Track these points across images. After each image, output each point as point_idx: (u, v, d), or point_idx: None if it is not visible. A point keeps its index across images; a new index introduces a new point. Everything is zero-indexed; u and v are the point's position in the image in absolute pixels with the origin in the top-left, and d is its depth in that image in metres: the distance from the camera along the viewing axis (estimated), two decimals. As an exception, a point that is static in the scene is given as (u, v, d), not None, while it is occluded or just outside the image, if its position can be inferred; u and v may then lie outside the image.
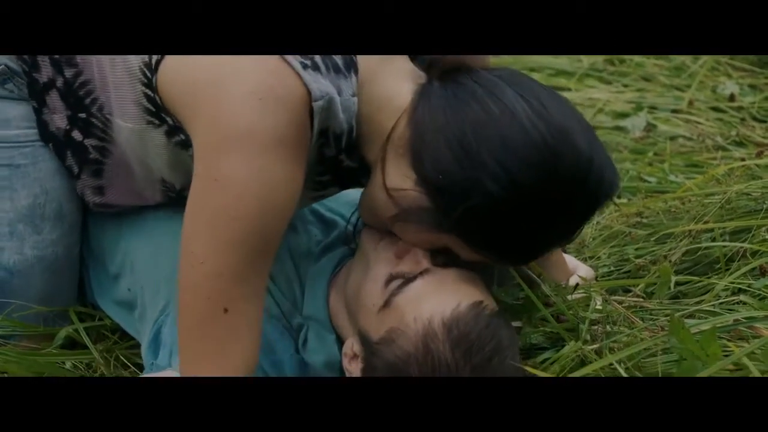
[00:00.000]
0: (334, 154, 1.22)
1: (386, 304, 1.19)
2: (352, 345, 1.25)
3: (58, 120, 1.30)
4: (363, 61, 1.18)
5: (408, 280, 1.20)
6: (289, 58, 1.11)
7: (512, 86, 1.14)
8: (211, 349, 1.14)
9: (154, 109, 1.22)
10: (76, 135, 1.30)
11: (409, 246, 1.23)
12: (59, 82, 1.28)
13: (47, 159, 1.33)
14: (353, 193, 1.49)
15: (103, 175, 1.35)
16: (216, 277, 1.11)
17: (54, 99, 1.29)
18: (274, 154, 1.09)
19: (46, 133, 1.32)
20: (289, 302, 1.37)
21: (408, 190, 1.15)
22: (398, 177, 1.16)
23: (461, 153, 1.10)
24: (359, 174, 1.28)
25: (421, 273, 1.21)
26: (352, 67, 1.16)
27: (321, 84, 1.12)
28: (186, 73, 1.16)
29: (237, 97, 1.09)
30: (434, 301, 1.17)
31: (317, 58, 1.13)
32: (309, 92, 1.11)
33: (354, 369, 1.24)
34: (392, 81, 1.20)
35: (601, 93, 2.41)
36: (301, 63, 1.11)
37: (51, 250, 1.38)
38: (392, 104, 1.18)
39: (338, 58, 1.15)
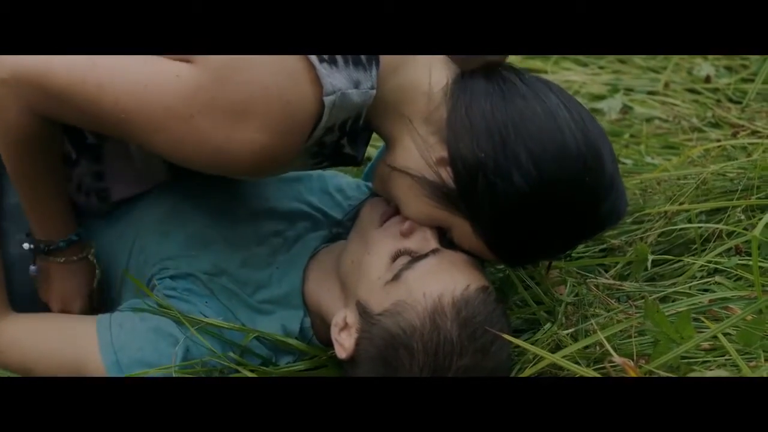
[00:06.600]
0: (336, 138, 1.22)
1: (395, 278, 1.19)
2: (344, 316, 1.24)
3: None
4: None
5: (418, 257, 1.20)
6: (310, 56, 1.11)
7: (556, 93, 1.17)
8: None
9: None
10: None
11: (416, 225, 1.23)
12: None
13: None
14: (324, 179, 1.48)
15: (103, 160, 1.33)
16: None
17: None
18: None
19: None
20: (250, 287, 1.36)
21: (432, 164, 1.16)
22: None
23: (498, 140, 1.12)
24: (355, 161, 1.28)
25: (432, 251, 1.21)
26: (374, 60, 1.15)
27: (335, 78, 1.11)
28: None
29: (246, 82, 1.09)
30: (445, 280, 1.17)
31: (337, 55, 1.13)
32: (321, 87, 1.11)
33: (345, 339, 1.23)
34: (422, 69, 1.19)
35: (577, 75, 2.40)
36: (319, 57, 1.11)
37: None
38: (421, 88, 1.18)
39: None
